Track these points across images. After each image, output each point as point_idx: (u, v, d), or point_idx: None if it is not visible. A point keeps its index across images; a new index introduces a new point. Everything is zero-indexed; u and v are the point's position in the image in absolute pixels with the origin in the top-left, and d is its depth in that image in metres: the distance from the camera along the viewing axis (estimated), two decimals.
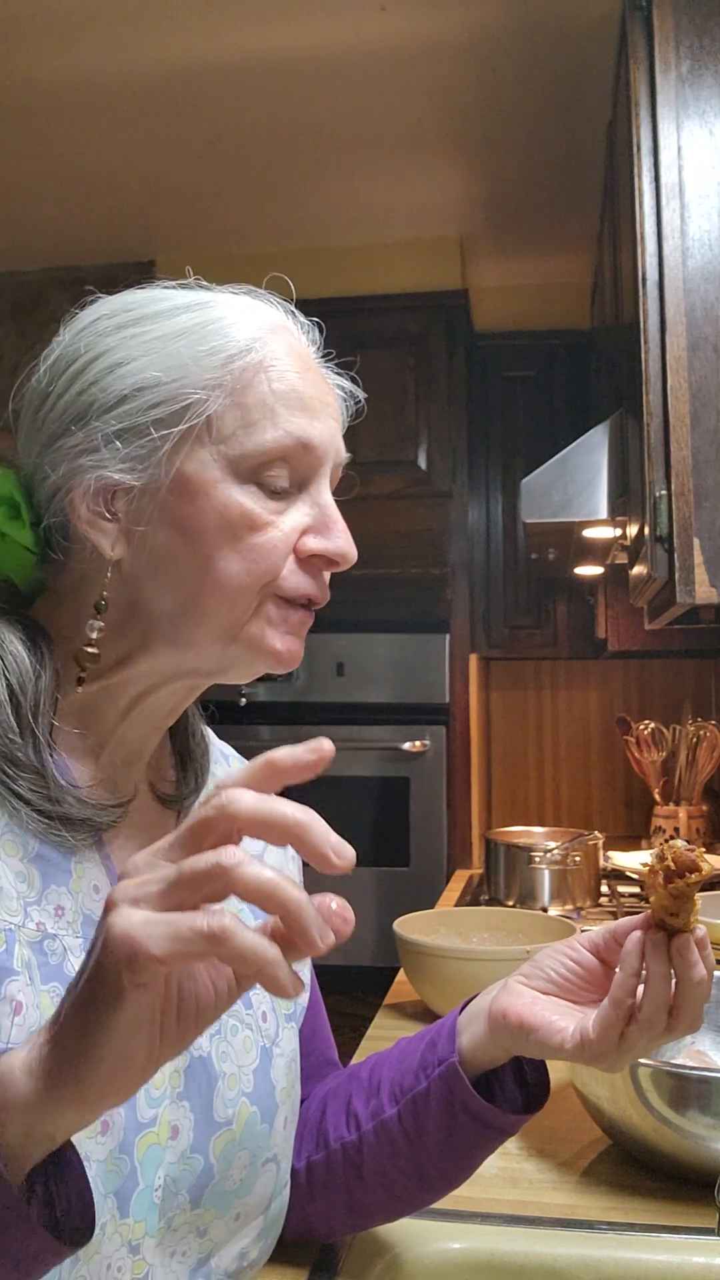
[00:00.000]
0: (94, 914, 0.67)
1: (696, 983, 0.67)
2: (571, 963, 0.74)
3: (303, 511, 0.69)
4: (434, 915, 1.63)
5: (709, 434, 1.44)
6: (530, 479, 2.01)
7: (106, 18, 2.05)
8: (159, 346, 0.67)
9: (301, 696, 2.90)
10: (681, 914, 0.67)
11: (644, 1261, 0.85)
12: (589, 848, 2.17)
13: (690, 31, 1.50)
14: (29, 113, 2.39)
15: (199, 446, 0.66)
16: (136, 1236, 0.64)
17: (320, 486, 0.70)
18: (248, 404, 0.67)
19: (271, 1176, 0.75)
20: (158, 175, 2.70)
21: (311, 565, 0.69)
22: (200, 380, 0.66)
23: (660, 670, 3.39)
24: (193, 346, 0.67)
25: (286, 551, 0.68)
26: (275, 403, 0.67)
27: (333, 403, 0.72)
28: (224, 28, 2.09)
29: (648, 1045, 0.68)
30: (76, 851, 0.68)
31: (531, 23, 2.08)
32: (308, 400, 0.69)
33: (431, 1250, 0.86)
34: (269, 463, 0.67)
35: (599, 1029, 0.68)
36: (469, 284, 3.14)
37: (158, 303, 0.70)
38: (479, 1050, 0.75)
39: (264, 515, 0.67)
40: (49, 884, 0.65)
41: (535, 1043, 0.71)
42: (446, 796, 2.88)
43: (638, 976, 0.68)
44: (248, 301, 0.72)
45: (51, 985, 0.63)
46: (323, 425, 0.70)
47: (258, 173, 2.69)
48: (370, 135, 2.52)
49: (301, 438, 0.68)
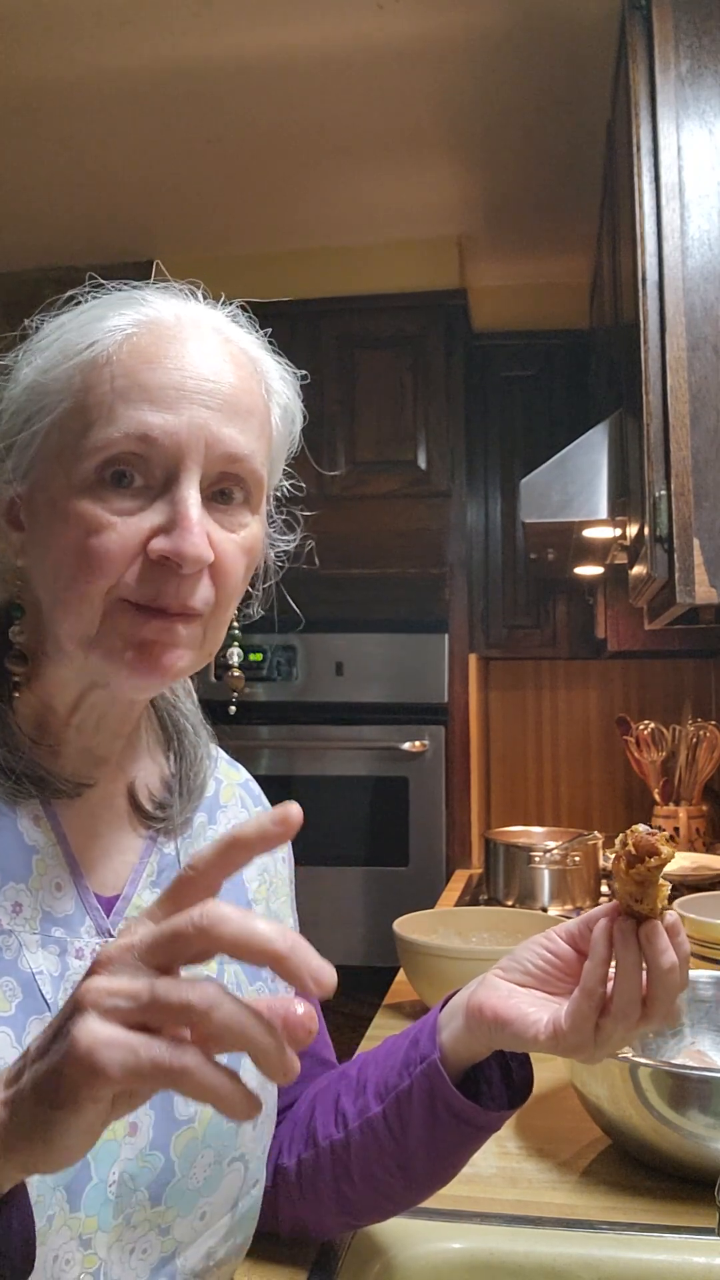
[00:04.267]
0: (54, 911, 0.68)
1: (666, 970, 0.67)
2: (548, 954, 0.73)
3: (157, 511, 0.64)
4: (433, 915, 1.63)
5: (709, 434, 1.44)
6: (529, 479, 2.00)
7: (106, 17, 2.05)
8: (39, 354, 0.67)
9: (300, 696, 2.90)
10: (646, 900, 0.67)
11: (644, 1261, 0.85)
12: (588, 848, 2.17)
13: (690, 31, 1.50)
14: (27, 111, 2.39)
15: (52, 455, 0.66)
16: (88, 1231, 0.63)
17: (182, 483, 0.64)
18: (88, 404, 0.64)
19: (239, 1175, 0.74)
20: (156, 174, 2.70)
21: (163, 568, 0.64)
22: (51, 387, 0.65)
23: (660, 670, 3.39)
24: (59, 349, 0.66)
25: (126, 554, 0.63)
26: (114, 400, 0.64)
27: (212, 391, 0.65)
28: (222, 27, 2.09)
29: (625, 1037, 0.68)
30: (38, 850, 0.68)
31: (530, 22, 2.08)
32: (155, 391, 0.64)
33: (431, 1250, 0.86)
34: (109, 461, 0.64)
35: (571, 1020, 0.68)
36: (468, 284, 3.14)
37: (78, 309, 0.69)
38: (460, 1045, 0.75)
39: (103, 517, 0.63)
40: (7, 881, 0.66)
41: (511, 1036, 0.71)
42: (446, 796, 2.88)
43: (606, 964, 0.67)
44: (146, 296, 0.69)
45: (5, 980, 0.64)
46: (174, 418, 0.64)
47: (256, 172, 2.69)
48: (369, 135, 2.52)
49: (137, 433, 0.63)
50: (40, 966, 0.66)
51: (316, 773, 2.88)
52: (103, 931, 0.70)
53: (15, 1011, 0.63)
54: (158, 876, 0.76)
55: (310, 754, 2.89)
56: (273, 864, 0.86)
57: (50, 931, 0.67)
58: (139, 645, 0.65)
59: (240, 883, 0.83)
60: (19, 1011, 0.63)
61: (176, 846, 0.78)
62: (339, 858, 2.82)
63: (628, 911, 0.68)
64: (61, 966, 0.67)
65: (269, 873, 0.86)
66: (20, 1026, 0.63)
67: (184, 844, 0.79)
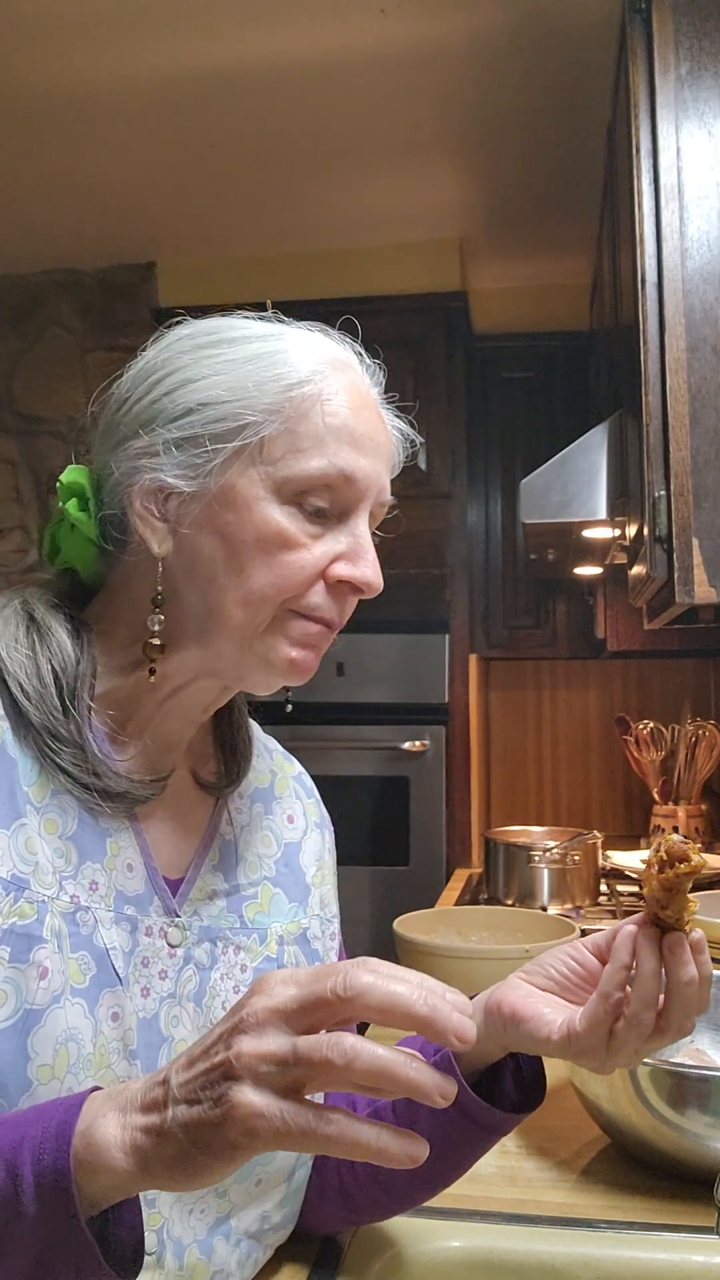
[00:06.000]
0: (126, 890, 0.73)
1: (686, 983, 0.67)
2: (573, 962, 0.74)
3: (338, 539, 0.73)
4: (433, 914, 1.63)
5: (708, 434, 1.44)
6: (529, 480, 2.01)
7: (108, 24, 2.06)
8: (228, 369, 0.72)
9: (301, 696, 2.87)
10: (673, 907, 0.67)
11: (643, 1260, 0.85)
12: (588, 847, 2.17)
13: (689, 33, 1.50)
14: (31, 117, 2.40)
15: (249, 464, 0.71)
16: (151, 1192, 0.69)
17: (359, 519, 0.74)
18: (300, 431, 0.71)
19: None
20: (158, 179, 2.71)
21: (338, 590, 0.73)
22: (260, 404, 0.71)
23: (659, 670, 3.39)
24: (257, 372, 0.72)
25: (313, 572, 0.72)
26: (326, 434, 0.71)
27: (385, 443, 0.76)
28: (224, 33, 2.10)
29: (637, 1047, 0.68)
30: (112, 832, 0.73)
31: (530, 25, 2.08)
32: (358, 436, 0.73)
33: (431, 1248, 0.87)
34: (311, 489, 0.71)
35: (586, 1023, 0.69)
36: (468, 286, 3.14)
37: (235, 329, 0.75)
38: (475, 1045, 0.75)
39: (298, 536, 0.71)
40: (85, 860, 0.71)
41: (525, 1034, 0.72)
42: (446, 796, 2.88)
43: (627, 970, 0.68)
44: (316, 337, 0.76)
45: (80, 954, 0.69)
46: (368, 462, 0.73)
47: (258, 176, 2.70)
48: (370, 138, 2.52)
49: (345, 470, 0.72)
50: (113, 942, 0.71)
51: (317, 772, 2.84)
52: (169, 911, 0.76)
53: (89, 984, 0.68)
54: (219, 861, 0.81)
55: (311, 754, 2.86)
56: (325, 853, 0.92)
57: (123, 909, 0.72)
58: (302, 648, 0.73)
59: (299, 868, 0.87)
60: (92, 985, 0.69)
61: (235, 834, 0.84)
62: (340, 857, 2.82)
63: (654, 920, 0.69)
64: (132, 943, 0.72)
65: (322, 861, 0.91)
66: (93, 999, 0.68)
67: (243, 834, 0.84)
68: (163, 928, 0.74)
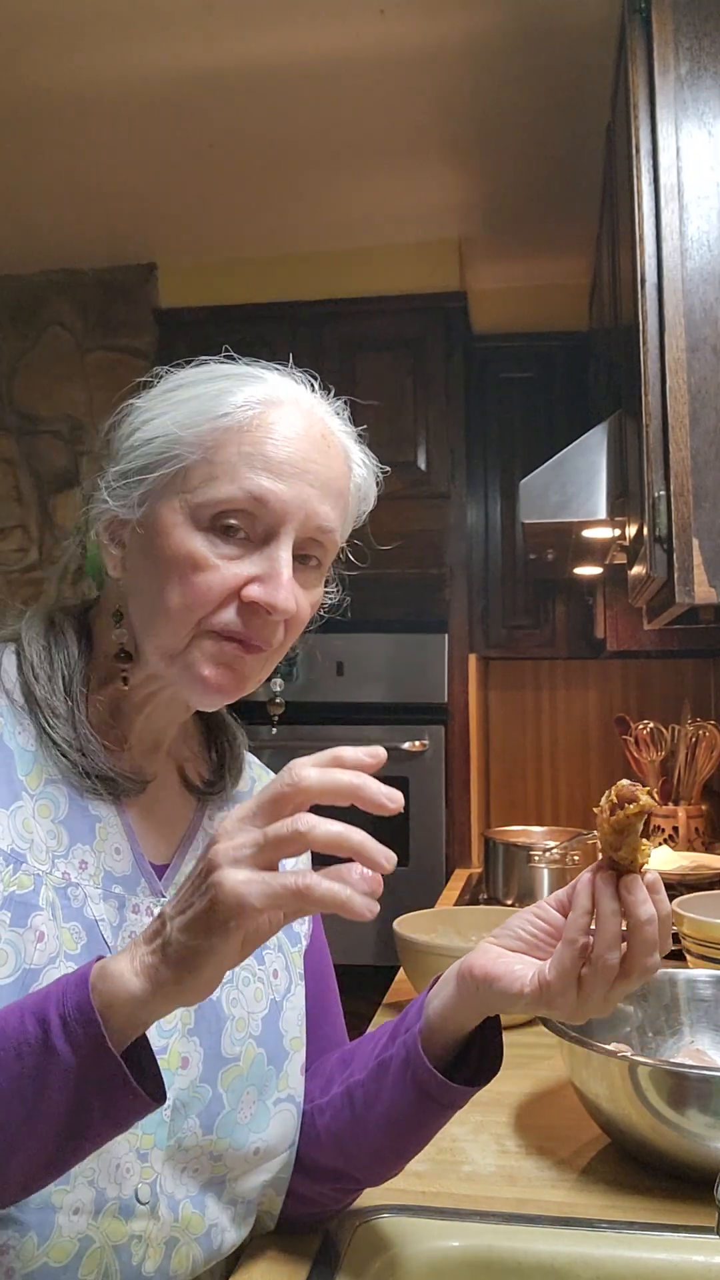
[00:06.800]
0: (114, 871, 0.79)
1: (645, 921, 0.71)
2: (540, 920, 0.78)
3: (255, 563, 0.76)
4: (433, 914, 1.63)
5: (708, 435, 1.44)
6: (529, 480, 2.01)
7: (107, 24, 2.06)
8: (173, 408, 0.78)
9: (301, 696, 2.90)
10: (625, 848, 0.71)
11: (643, 1260, 0.85)
12: (587, 847, 2.17)
13: (689, 33, 1.50)
14: (29, 118, 2.40)
15: (172, 493, 0.77)
16: (145, 1147, 0.75)
17: (279, 544, 0.77)
18: (216, 460, 0.76)
19: (290, 1117, 0.84)
20: (157, 179, 2.71)
21: (251, 611, 0.76)
22: (187, 438, 0.76)
23: (659, 670, 3.39)
24: (195, 410, 0.77)
25: (221, 591, 0.76)
26: (239, 461, 0.75)
27: (319, 473, 0.78)
28: (223, 34, 2.10)
29: (606, 993, 0.72)
30: (101, 819, 0.80)
31: (530, 26, 2.08)
32: (276, 464, 0.76)
33: (430, 1248, 0.87)
34: (224, 513, 0.75)
35: (555, 970, 0.72)
36: (467, 286, 3.14)
37: (204, 373, 0.81)
38: (449, 1013, 0.79)
39: (209, 558, 0.76)
40: (75, 842, 0.77)
41: (498, 992, 0.75)
42: (445, 796, 2.88)
43: (589, 915, 0.72)
44: (269, 376, 0.80)
45: (72, 924, 0.75)
46: (286, 488, 0.76)
47: (257, 177, 2.70)
48: (369, 139, 2.52)
49: (254, 494, 0.75)
50: (102, 915, 0.77)
51: None
52: (156, 892, 0.82)
53: (81, 951, 0.74)
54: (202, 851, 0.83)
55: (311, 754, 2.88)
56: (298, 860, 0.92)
57: (111, 888, 0.78)
58: (216, 666, 0.77)
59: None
60: (84, 951, 0.74)
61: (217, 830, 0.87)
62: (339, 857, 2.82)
63: (610, 865, 0.72)
64: (120, 918, 0.78)
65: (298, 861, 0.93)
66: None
67: None
68: (149, 906, 0.80)
